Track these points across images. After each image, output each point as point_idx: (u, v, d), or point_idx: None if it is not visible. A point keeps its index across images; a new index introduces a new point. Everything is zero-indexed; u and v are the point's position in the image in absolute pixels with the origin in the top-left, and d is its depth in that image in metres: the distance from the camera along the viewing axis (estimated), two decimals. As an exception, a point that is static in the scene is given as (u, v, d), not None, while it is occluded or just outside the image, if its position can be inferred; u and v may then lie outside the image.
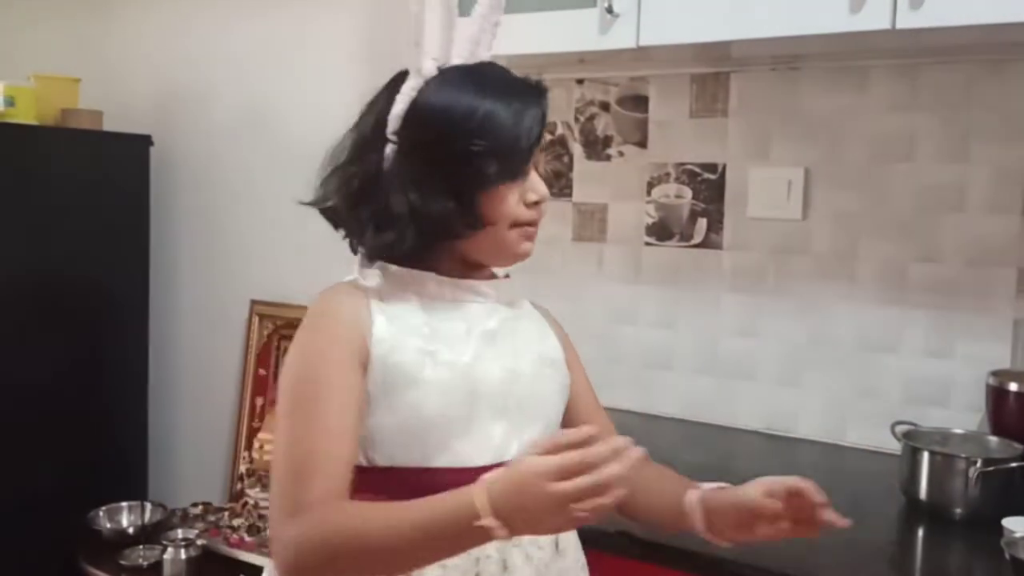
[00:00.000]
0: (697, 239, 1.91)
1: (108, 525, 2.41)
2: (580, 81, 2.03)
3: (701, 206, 1.91)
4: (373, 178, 1.00)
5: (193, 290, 2.74)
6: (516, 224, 1.01)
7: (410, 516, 0.85)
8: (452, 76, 1.01)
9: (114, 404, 2.64)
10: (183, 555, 2.17)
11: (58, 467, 2.48)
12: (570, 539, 1.08)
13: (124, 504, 2.47)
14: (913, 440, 1.49)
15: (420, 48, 1.02)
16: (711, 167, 1.89)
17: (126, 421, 2.69)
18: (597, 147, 2.02)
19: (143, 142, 2.66)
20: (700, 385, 1.93)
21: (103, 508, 2.43)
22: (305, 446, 0.90)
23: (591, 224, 2.03)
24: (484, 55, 1.07)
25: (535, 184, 1.01)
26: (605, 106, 2.01)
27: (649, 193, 1.96)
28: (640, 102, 1.97)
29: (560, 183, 2.07)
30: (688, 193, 1.92)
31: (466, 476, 0.85)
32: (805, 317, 1.82)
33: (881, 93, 1.72)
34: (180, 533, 2.27)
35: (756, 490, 1.00)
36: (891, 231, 1.73)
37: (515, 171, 0.98)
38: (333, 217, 1.05)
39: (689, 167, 1.92)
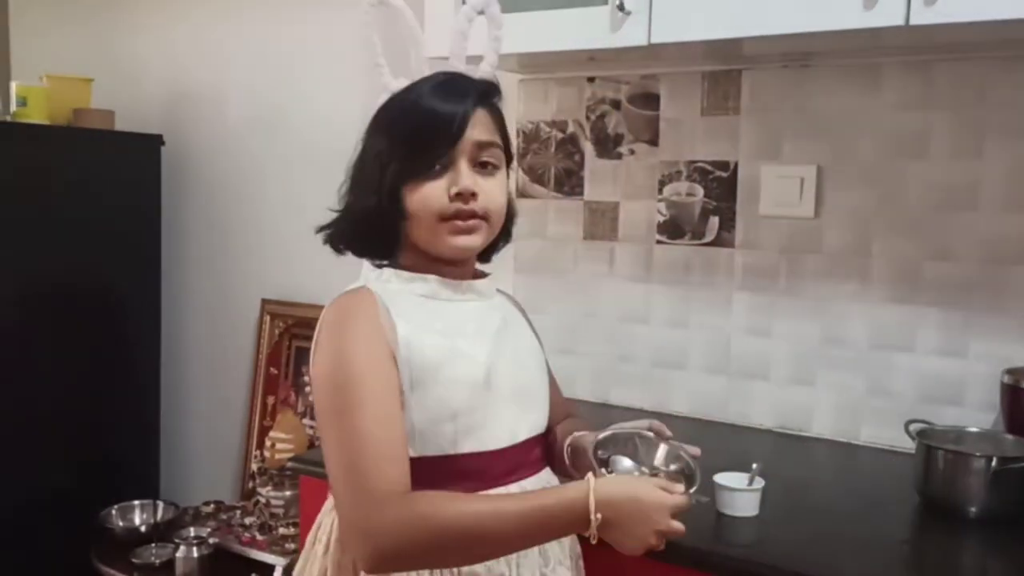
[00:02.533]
0: (709, 237, 1.90)
1: (120, 523, 2.42)
2: (591, 79, 2.01)
3: (713, 204, 1.90)
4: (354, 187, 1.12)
5: (204, 289, 2.74)
6: (443, 218, 1.04)
7: (517, 507, 0.93)
8: (408, 87, 1.10)
9: (126, 403, 2.65)
10: (195, 553, 2.18)
11: (71, 466, 2.48)
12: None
13: (136, 503, 2.47)
14: (927, 439, 1.47)
15: (380, 67, 1.13)
16: (723, 165, 1.88)
17: (138, 420, 2.70)
18: (608, 145, 2.00)
19: (154, 142, 2.66)
20: (712, 384, 1.92)
21: (115, 507, 2.44)
22: (372, 437, 0.93)
23: (602, 222, 2.02)
24: (458, 65, 1.14)
25: (458, 177, 1.03)
26: (616, 104, 1.99)
27: (660, 191, 1.94)
28: (651, 100, 1.95)
29: (571, 181, 2.06)
30: (700, 191, 1.90)
31: (486, 459, 0.99)
32: (818, 316, 1.80)
33: (894, 90, 1.71)
34: (192, 531, 2.28)
35: (591, 438, 1.10)
36: (904, 229, 1.70)
37: (427, 164, 1.02)
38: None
39: (701, 165, 1.90)
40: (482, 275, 1.16)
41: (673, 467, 1.10)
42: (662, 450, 1.12)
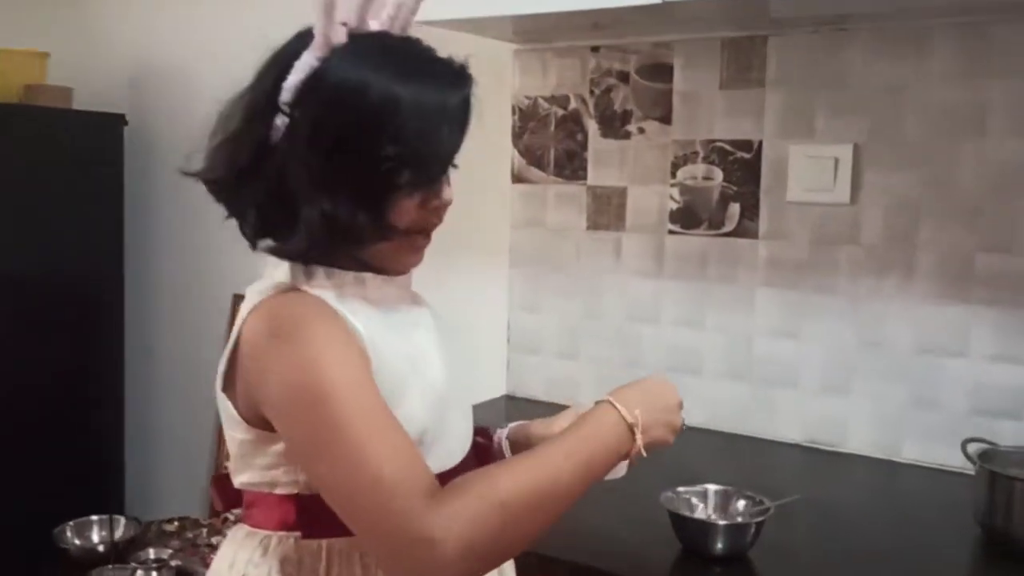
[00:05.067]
0: (728, 227, 1.74)
1: (77, 542, 2.22)
2: (595, 49, 1.85)
3: (733, 189, 1.73)
4: (264, 153, 0.89)
5: (171, 283, 2.59)
6: (409, 232, 0.92)
7: (557, 450, 0.88)
8: (366, 49, 0.89)
9: (88, 407, 2.48)
10: (154, 578, 1.97)
11: (25, 478, 2.30)
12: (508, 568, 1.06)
13: (94, 518, 2.28)
14: (991, 462, 1.29)
15: (329, 9, 0.88)
16: (745, 145, 1.71)
17: (100, 426, 2.54)
18: (614, 123, 1.84)
19: (116, 121, 2.49)
20: (732, 392, 1.76)
21: (71, 523, 2.25)
22: (385, 446, 0.82)
23: (608, 210, 1.86)
24: (410, 22, 0.94)
25: (442, 188, 0.93)
26: (624, 76, 1.83)
27: (674, 175, 1.79)
28: (663, 72, 1.79)
29: (573, 164, 1.90)
30: (718, 175, 1.74)
31: (446, 478, 0.84)
32: (854, 316, 1.63)
33: (945, 57, 1.53)
34: (152, 553, 2.09)
35: (565, 421, 1.03)
36: (956, 216, 1.54)
37: (435, 177, 0.91)
38: (217, 193, 0.94)
39: (719, 145, 1.74)
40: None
41: None
42: None
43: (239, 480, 0.95)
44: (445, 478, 0.87)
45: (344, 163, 0.86)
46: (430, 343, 0.98)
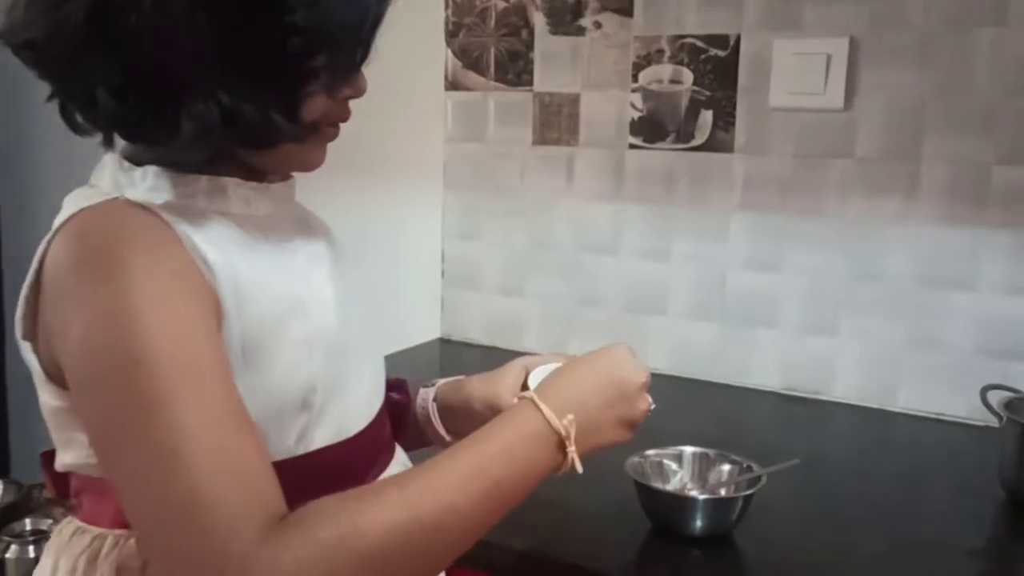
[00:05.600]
0: (699, 139, 1.52)
1: (-54, 511, 1.94)
2: None
3: (705, 94, 1.50)
4: (121, 5, 0.62)
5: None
6: (329, 123, 0.73)
7: (456, 470, 0.66)
8: None
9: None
10: (31, 553, 1.71)
11: None
12: None
13: (-32, 481, 2.00)
14: (1018, 413, 1.10)
15: None
16: (720, 40, 1.48)
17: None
18: (565, 17, 1.61)
19: None
20: (701, 333, 1.57)
21: (-60, 489, 1.96)
22: (210, 442, 0.59)
23: (558, 121, 1.64)
24: None
25: (358, 76, 0.72)
26: None
27: (635, 78, 1.56)
28: None
29: (517, 67, 1.65)
30: (688, 77, 1.52)
31: (345, 450, 0.73)
32: (845, 242, 1.44)
33: None
34: (29, 524, 1.81)
35: (511, 379, 0.87)
36: (969, 123, 1.34)
37: (358, 61, 0.70)
38: (40, 64, 0.67)
39: (689, 41, 1.51)
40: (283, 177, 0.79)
41: None
42: None
43: (62, 461, 0.72)
44: (343, 451, 0.73)
45: (244, 36, 0.63)
46: (323, 276, 0.76)
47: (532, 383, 0.80)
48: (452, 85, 1.69)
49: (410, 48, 1.70)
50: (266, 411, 0.66)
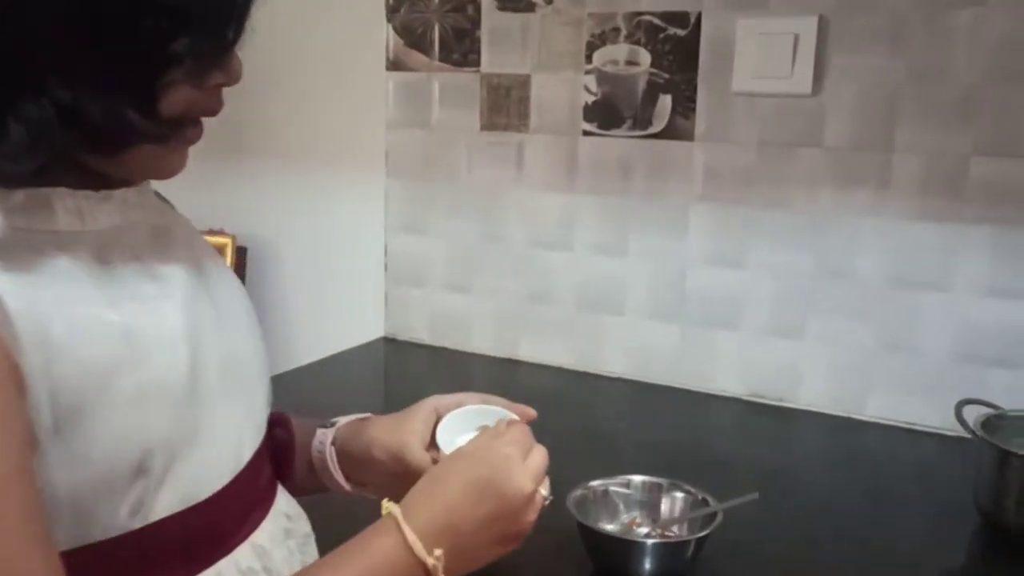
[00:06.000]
0: (657, 126, 1.42)
1: None
2: None
3: (664, 77, 1.39)
4: None
5: None
6: (191, 119, 0.61)
7: None
8: None
9: None
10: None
11: None
12: None
13: None
14: (995, 433, 1.01)
15: None
16: (679, 18, 1.37)
17: None
18: None
19: None
20: (659, 335, 1.47)
21: None
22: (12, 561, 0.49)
23: (506, 106, 1.52)
24: None
25: (231, 61, 0.61)
26: None
27: (589, 59, 1.45)
28: None
29: (463, 47, 1.53)
30: (645, 58, 1.41)
31: (199, 516, 0.61)
32: (813, 238, 1.34)
33: None
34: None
35: (419, 424, 0.75)
36: (945, 110, 1.24)
37: (228, 45, 0.59)
38: None
39: (647, 19, 1.40)
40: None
41: None
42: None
43: None
44: (196, 517, 0.61)
45: (85, 14, 0.52)
46: (175, 306, 0.63)
47: (440, 435, 0.70)
48: (393, 65, 1.57)
49: (348, 24, 1.57)
50: (90, 483, 0.55)
